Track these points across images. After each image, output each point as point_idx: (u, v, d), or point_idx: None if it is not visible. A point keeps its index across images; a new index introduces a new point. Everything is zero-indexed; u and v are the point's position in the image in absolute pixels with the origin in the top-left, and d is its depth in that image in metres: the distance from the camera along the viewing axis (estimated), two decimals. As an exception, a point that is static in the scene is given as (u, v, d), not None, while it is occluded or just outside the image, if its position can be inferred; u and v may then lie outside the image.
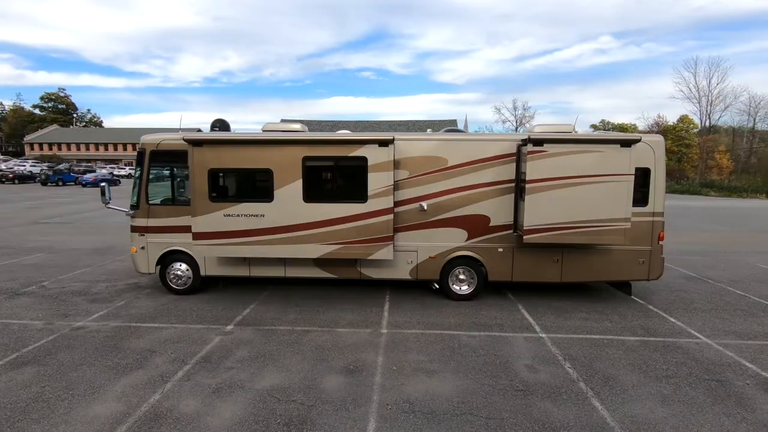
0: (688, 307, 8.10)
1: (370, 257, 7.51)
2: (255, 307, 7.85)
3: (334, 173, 7.55)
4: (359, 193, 7.38)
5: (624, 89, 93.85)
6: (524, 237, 7.37)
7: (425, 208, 7.94)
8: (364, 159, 7.30)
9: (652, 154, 7.65)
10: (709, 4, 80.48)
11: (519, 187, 7.82)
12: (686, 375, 5.51)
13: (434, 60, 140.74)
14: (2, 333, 6.60)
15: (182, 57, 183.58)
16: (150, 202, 8.27)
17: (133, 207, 8.39)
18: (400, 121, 55.46)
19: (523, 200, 7.50)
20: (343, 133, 7.81)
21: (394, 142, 7.34)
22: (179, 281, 8.43)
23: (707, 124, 60.05)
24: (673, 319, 7.47)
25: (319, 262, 8.12)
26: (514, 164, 7.85)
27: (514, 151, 7.82)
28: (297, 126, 8.47)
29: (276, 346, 6.25)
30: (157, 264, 8.42)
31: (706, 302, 8.43)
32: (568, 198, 7.21)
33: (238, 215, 7.47)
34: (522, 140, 7.72)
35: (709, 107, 58.84)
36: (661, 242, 7.91)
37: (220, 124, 8.90)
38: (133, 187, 8.49)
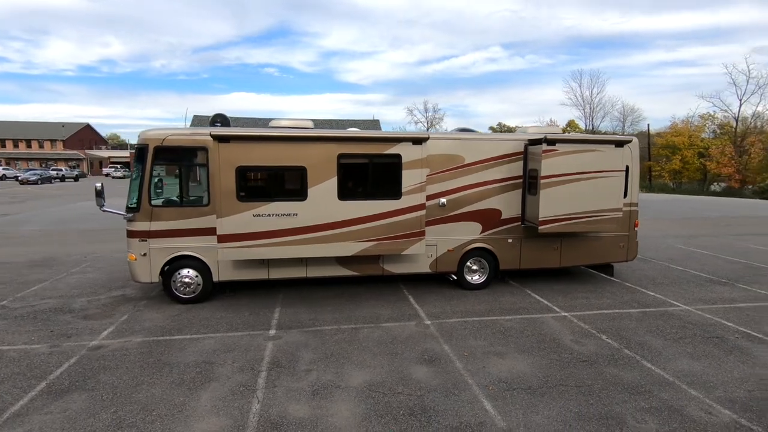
0: (654, 282, 9.59)
1: (403, 252, 7.69)
2: (281, 310, 7.56)
3: (369, 171, 7.57)
4: (393, 190, 7.52)
5: (512, 95, 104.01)
6: (539, 227, 8.14)
7: (445, 203, 8.34)
8: (398, 156, 7.46)
9: (630, 154, 8.93)
10: (577, 24, 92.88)
11: (526, 182, 8.61)
12: (693, 336, 6.65)
13: (340, 59, 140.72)
14: (2, 362, 5.56)
15: (49, 40, 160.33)
16: (153, 203, 7.49)
17: (132, 209, 7.53)
18: (324, 119, 54.99)
19: (535, 194, 8.28)
20: (377, 132, 7.86)
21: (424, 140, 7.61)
22: (187, 289, 7.76)
23: (591, 127, 69.11)
24: (651, 293, 8.82)
25: (342, 261, 8.08)
26: (521, 162, 8.61)
27: (522, 149, 8.58)
28: (309, 123, 8.32)
29: (337, 345, 6.17)
30: (161, 271, 7.65)
31: (664, 277, 10.04)
32: (574, 191, 8.13)
33: (269, 215, 7.13)
34: (529, 140, 8.50)
35: (591, 113, 67.88)
36: (636, 228, 9.28)
37: (221, 120, 8.37)
38: (132, 188, 7.62)
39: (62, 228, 16.97)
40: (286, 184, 7.34)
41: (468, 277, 8.76)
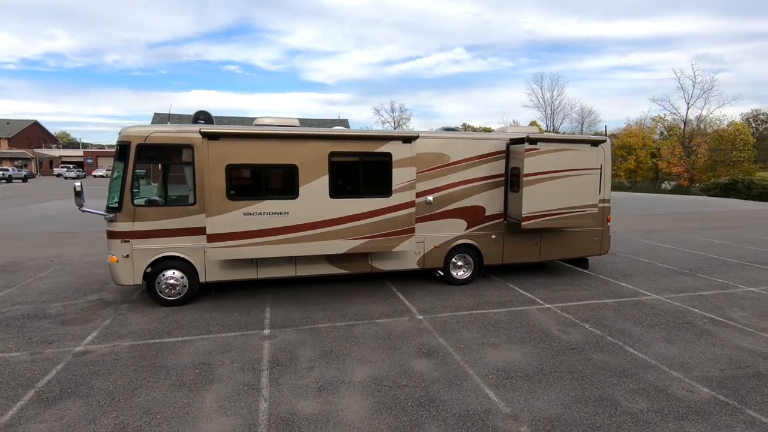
0: (625, 274, 10.16)
1: (395, 249, 7.79)
2: (272, 310, 7.49)
3: (360, 169, 7.61)
4: (384, 188, 7.61)
5: (475, 97, 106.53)
6: (523, 224, 8.46)
7: (431, 201, 8.51)
8: (389, 155, 7.55)
9: (603, 153, 9.42)
10: (536, 29, 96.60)
11: (508, 180, 8.92)
12: (666, 322, 7.13)
13: (304, 58, 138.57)
14: (-20, 371, 5.24)
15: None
16: (136, 203, 7.23)
17: (112, 209, 7.24)
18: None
19: (517, 192, 8.60)
20: (368, 130, 7.91)
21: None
22: (172, 291, 7.54)
23: (551, 128, 71.78)
24: (624, 284, 9.35)
25: (332, 259, 8.09)
26: (503, 161, 8.91)
27: (504, 149, 8.88)
28: (295, 120, 8.29)
29: (334, 342, 6.20)
30: (144, 274, 7.40)
31: (633, 270, 10.66)
32: (554, 189, 8.51)
33: (260, 213, 7.05)
34: (511, 139, 8.81)
35: (552, 115, 70.51)
36: (608, 223, 9.80)
37: (204, 117, 8.19)
38: (112, 187, 7.32)
39: (17, 232, 15.96)
40: (277, 182, 7.28)
41: (454, 273, 8.98)
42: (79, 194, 7.04)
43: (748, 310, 7.70)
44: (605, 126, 57.11)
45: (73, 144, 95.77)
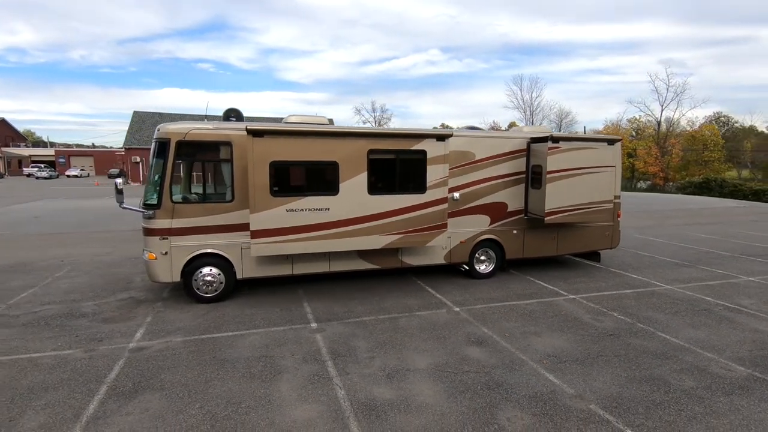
0: (633, 267, 10.69)
1: (428, 244, 8.03)
2: (310, 305, 7.61)
3: (397, 166, 7.80)
4: (419, 185, 7.83)
5: (451, 97, 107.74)
6: (546, 219, 8.83)
7: (458, 197, 8.79)
8: (423, 152, 7.78)
9: (617, 152, 9.90)
10: (510, 32, 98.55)
11: (529, 177, 9.28)
12: (685, 310, 7.61)
13: (280, 57, 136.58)
14: (40, 369, 5.21)
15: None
16: (174, 200, 7.23)
17: (151, 206, 7.22)
18: (268, 117, 53.83)
19: (539, 188, 8.97)
20: (404, 128, 8.11)
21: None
22: (209, 288, 7.56)
23: (531, 130, 73.49)
24: (634, 276, 9.86)
25: (364, 254, 8.26)
26: (524, 159, 9.27)
27: (524, 147, 9.24)
28: (324, 119, 8.42)
29: (384, 334, 6.39)
30: (182, 270, 7.40)
31: (638, 263, 11.21)
32: (574, 185, 8.91)
33: (302, 210, 7.17)
34: (531, 138, 9.18)
35: (531, 116, 72.15)
36: (619, 219, 10.30)
37: (235, 114, 8.23)
38: (150, 184, 7.29)
39: (12, 232, 15.44)
40: (318, 179, 7.40)
41: (478, 267, 9.28)
42: (120, 192, 6.99)
43: (754, 298, 8.28)
44: (584, 127, 58.83)
45: (40, 143, 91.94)
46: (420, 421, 4.22)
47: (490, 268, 9.38)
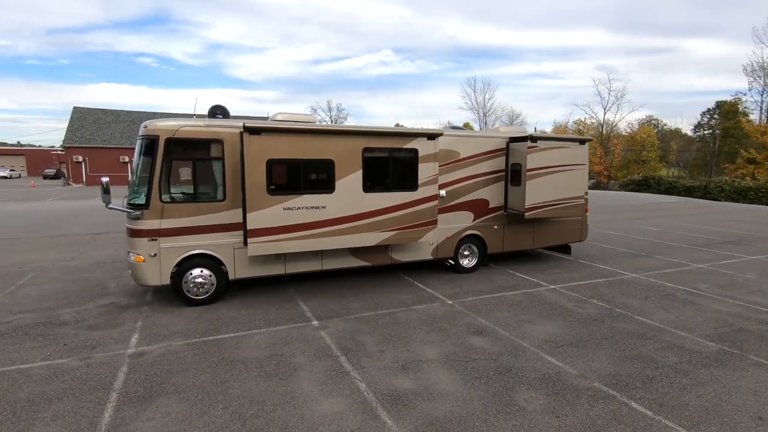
0: (598, 258, 11.48)
1: (419, 240, 8.24)
2: (305, 303, 7.59)
3: (390, 164, 7.94)
4: (411, 182, 8.02)
5: (404, 98, 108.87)
6: (526, 214, 9.31)
7: (444, 194, 9.07)
8: (415, 151, 7.98)
9: (586, 151, 10.61)
10: (458, 35, 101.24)
11: (508, 175, 9.75)
12: (653, 295, 8.32)
13: (227, 53, 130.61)
14: (35, 380, 4.90)
15: None
16: (164, 199, 6.97)
17: (138, 206, 6.91)
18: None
19: (518, 185, 9.45)
20: (397, 128, 8.24)
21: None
22: (200, 290, 7.35)
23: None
24: (602, 266, 10.61)
25: (355, 252, 8.35)
26: (503, 157, 9.72)
27: (504, 146, 9.70)
28: (312, 117, 8.43)
29: (387, 328, 6.52)
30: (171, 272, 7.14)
31: (602, 254, 12.06)
32: (551, 182, 9.47)
33: (299, 208, 7.14)
34: (510, 138, 9.65)
35: (485, 117, 74.69)
36: (587, 213, 11.04)
37: (222, 111, 8.04)
38: (137, 183, 6.98)
39: (-50, 238, 14.04)
40: (315, 177, 7.40)
41: (462, 262, 9.63)
42: (107, 191, 6.65)
43: (708, 282, 9.19)
44: (535, 127, 61.64)
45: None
46: (446, 407, 4.42)
47: (473, 262, 9.76)
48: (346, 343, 5.96)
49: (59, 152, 73.64)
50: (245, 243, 7.47)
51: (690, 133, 62.97)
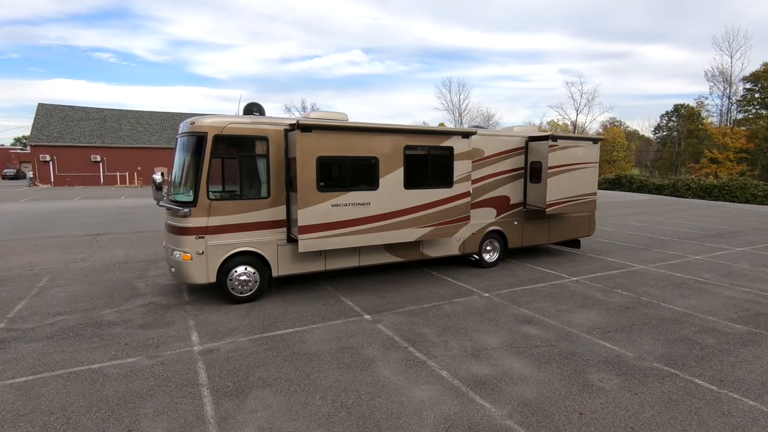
0: (603, 252, 12.10)
1: (454, 236, 8.50)
2: (348, 299, 7.71)
3: (428, 161, 8.15)
4: (447, 179, 8.27)
5: (374, 98, 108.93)
6: (547, 210, 9.75)
7: (471, 191, 9.37)
8: (450, 149, 8.23)
9: (597, 151, 11.16)
10: (428, 36, 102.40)
11: (527, 173, 10.17)
12: (669, 284, 8.90)
13: (192, 50, 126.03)
14: (114, 379, 4.84)
15: None
16: (211, 197, 6.93)
17: (186, 204, 6.84)
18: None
19: (538, 182, 9.88)
20: (435, 126, 8.44)
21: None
22: (245, 287, 7.34)
23: (460, 130, 77.38)
24: (610, 259, 11.21)
25: (389, 248, 8.52)
26: (522, 156, 10.13)
27: (523, 145, 10.10)
28: (344, 115, 8.54)
29: (439, 320, 6.75)
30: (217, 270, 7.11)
31: (605, 248, 12.69)
32: (569, 179, 9.95)
33: (346, 204, 7.25)
34: (530, 137, 10.07)
35: (460, 117, 76.00)
36: (595, 210, 11.62)
37: (257, 109, 8.05)
38: (184, 180, 6.92)
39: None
40: (360, 174, 7.52)
41: (485, 257, 9.96)
42: (159, 188, 6.56)
43: (711, 272, 9.90)
44: (512, 128, 63.23)
45: None
46: (532, 389, 4.68)
47: (495, 257, 10.11)
48: (408, 335, 6.14)
49: (19, 151, 69.76)
50: (288, 240, 7.55)
51: (648, 135, 66.48)
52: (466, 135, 8.39)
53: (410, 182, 7.92)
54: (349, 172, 7.43)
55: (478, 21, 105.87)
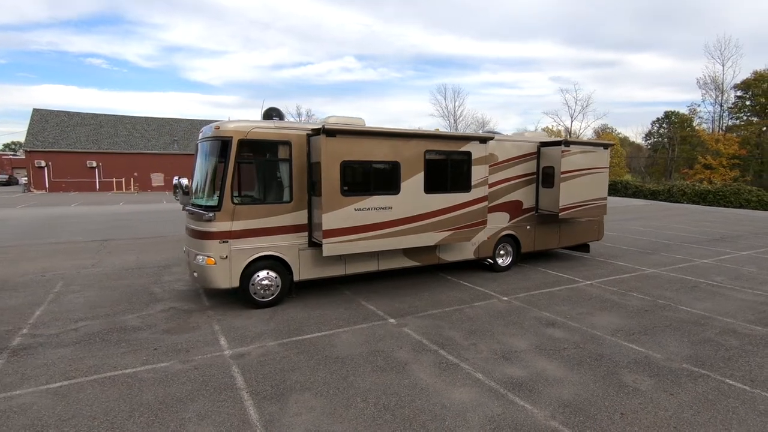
0: (612, 256, 12.23)
1: (471, 240, 8.56)
2: (369, 303, 7.72)
3: (448, 166, 8.23)
4: (465, 184, 8.35)
5: (367, 104, 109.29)
6: (560, 214, 9.86)
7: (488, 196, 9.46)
8: (469, 154, 8.32)
9: (608, 156, 11.32)
10: (420, 44, 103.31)
11: (539, 178, 10.29)
12: (681, 287, 9.03)
13: (185, 56, 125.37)
14: (151, 384, 4.81)
15: None
16: (235, 201, 6.93)
17: (210, 208, 6.84)
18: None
19: (551, 187, 10.00)
20: (454, 132, 8.53)
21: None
22: (266, 292, 7.33)
23: (455, 137, 77.89)
24: (620, 263, 11.33)
25: (407, 252, 8.56)
26: (534, 161, 10.25)
27: (535, 150, 10.23)
28: (361, 120, 8.61)
29: (464, 323, 6.79)
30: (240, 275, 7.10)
31: (613, 253, 12.83)
32: (581, 184, 10.08)
33: (369, 209, 7.30)
34: (541, 142, 10.20)
35: (456, 124, 76.53)
36: (604, 215, 11.76)
37: (277, 113, 8.10)
38: (209, 184, 6.92)
39: (-63, 247, 13.04)
40: (382, 178, 7.58)
41: (499, 261, 10.04)
42: (187, 193, 6.55)
43: (721, 275, 10.05)
44: (507, 134, 63.76)
45: None
46: (569, 390, 4.73)
47: (508, 261, 10.20)
48: (436, 338, 6.17)
49: (11, 156, 69.00)
50: (309, 244, 7.57)
51: (639, 141, 67.43)
52: (483, 140, 8.49)
53: (430, 187, 7.99)
54: (371, 177, 7.49)
55: (470, 29, 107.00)
